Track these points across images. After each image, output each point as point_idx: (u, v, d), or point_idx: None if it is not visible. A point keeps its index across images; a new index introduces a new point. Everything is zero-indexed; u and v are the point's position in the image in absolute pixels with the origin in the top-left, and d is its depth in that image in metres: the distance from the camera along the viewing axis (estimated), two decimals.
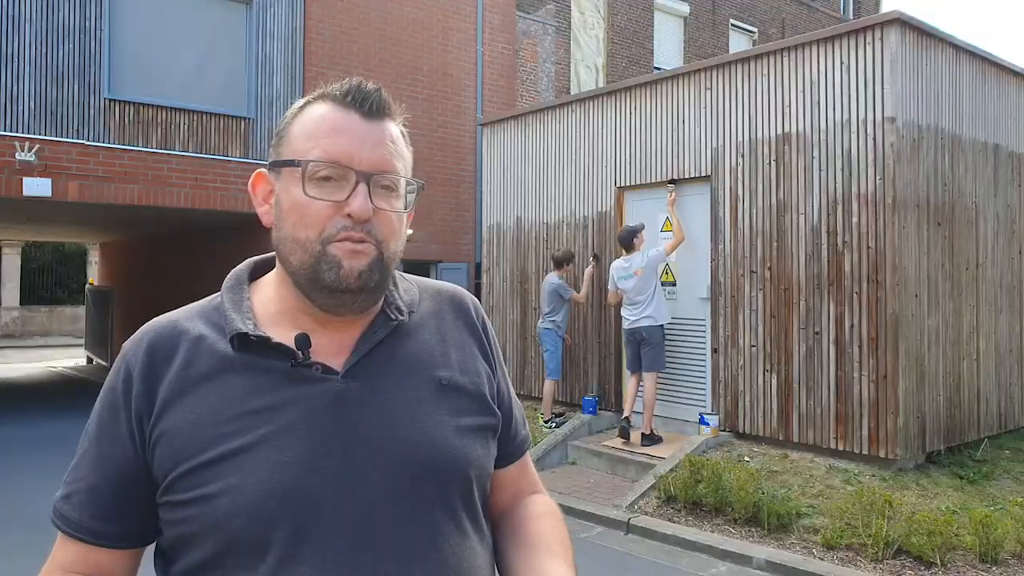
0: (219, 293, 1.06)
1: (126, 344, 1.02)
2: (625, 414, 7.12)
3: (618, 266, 7.16)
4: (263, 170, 1.05)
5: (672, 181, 7.32)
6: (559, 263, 7.83)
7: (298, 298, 1.00)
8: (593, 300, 8.02)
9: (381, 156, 0.98)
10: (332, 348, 1.00)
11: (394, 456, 0.96)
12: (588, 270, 7.90)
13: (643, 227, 7.20)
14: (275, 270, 1.06)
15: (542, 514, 1.16)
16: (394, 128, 1.03)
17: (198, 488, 0.91)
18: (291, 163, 0.98)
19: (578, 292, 7.85)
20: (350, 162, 0.96)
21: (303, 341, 0.97)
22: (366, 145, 0.97)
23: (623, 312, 7.12)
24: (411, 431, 0.98)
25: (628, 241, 7.10)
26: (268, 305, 1.03)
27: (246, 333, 0.97)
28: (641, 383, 6.98)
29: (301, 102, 1.03)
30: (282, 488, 0.90)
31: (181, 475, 0.92)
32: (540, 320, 7.93)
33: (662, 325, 6.90)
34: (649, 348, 6.86)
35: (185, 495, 0.92)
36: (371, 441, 0.96)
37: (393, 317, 1.04)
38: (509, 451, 1.16)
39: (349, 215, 0.95)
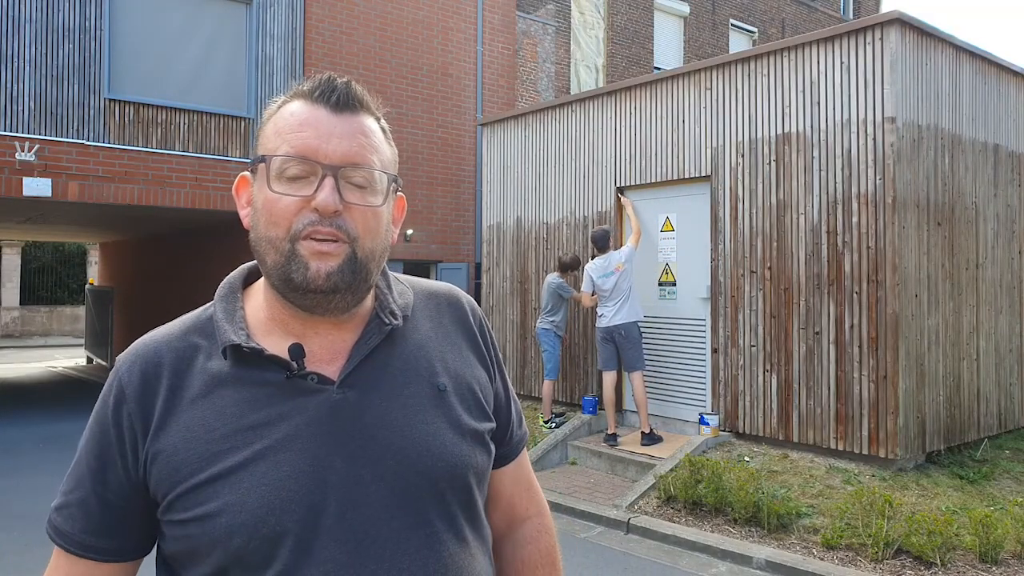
0: (212, 303, 1.04)
1: (119, 359, 1.01)
2: (610, 430, 7.14)
3: (597, 265, 7.15)
4: (246, 173, 1.03)
5: (620, 190, 7.83)
6: (564, 267, 7.78)
7: (284, 302, 0.98)
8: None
9: (349, 149, 0.95)
10: (326, 355, 0.99)
11: (393, 466, 0.95)
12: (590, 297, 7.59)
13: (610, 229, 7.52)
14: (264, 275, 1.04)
15: (534, 564, 1.17)
16: (369, 122, 0.99)
17: (197, 507, 0.90)
18: (260, 160, 0.96)
19: (578, 292, 7.77)
20: (316, 156, 0.93)
21: (297, 351, 0.95)
22: (332, 138, 0.94)
23: (599, 311, 7.13)
24: (409, 440, 0.97)
25: (605, 241, 7.18)
26: (259, 312, 1.02)
27: (239, 345, 0.95)
28: (631, 384, 7.03)
29: (278, 102, 1.01)
30: (281, 503, 0.90)
31: (180, 495, 0.91)
32: (539, 320, 7.92)
33: (638, 323, 6.95)
34: (629, 347, 6.89)
35: (185, 514, 0.91)
36: (370, 452, 0.95)
37: (387, 322, 1.02)
38: (504, 452, 1.16)
39: (316, 209, 0.92)
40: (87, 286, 19.62)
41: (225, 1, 9.80)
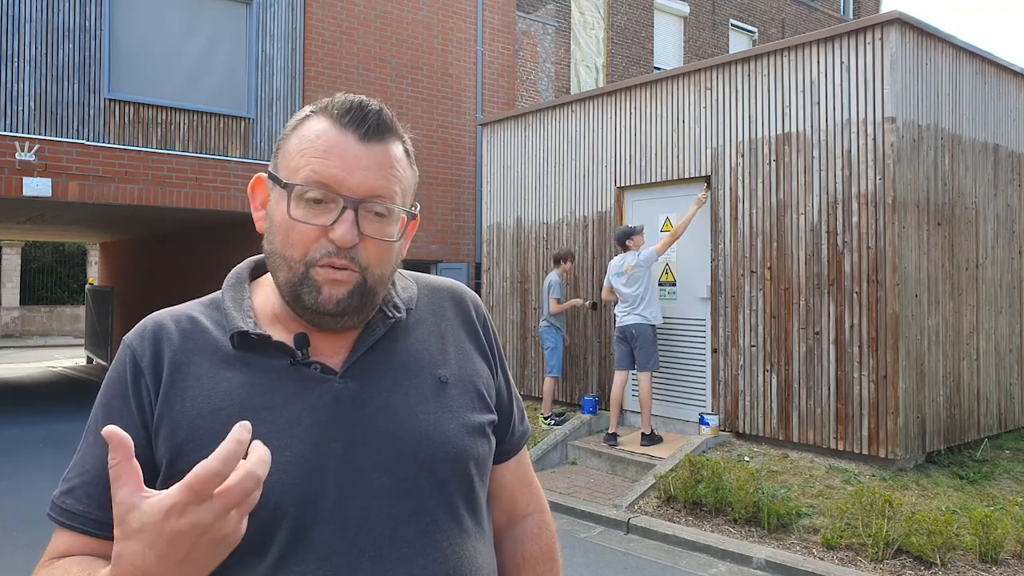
0: (220, 291, 1.06)
1: (128, 335, 1.01)
2: (611, 429, 7.13)
3: (613, 264, 7.19)
4: (263, 175, 1.03)
5: (707, 180, 7.02)
6: (556, 260, 7.90)
7: (289, 309, 1.00)
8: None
9: (374, 182, 0.95)
10: (330, 347, 1.00)
11: (393, 455, 0.96)
12: (578, 301, 7.91)
13: (641, 228, 7.18)
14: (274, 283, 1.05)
15: (534, 559, 1.18)
16: (396, 149, 0.99)
17: None
18: (282, 184, 0.96)
19: (562, 300, 7.77)
20: (339, 187, 0.94)
21: (302, 341, 0.97)
22: (358, 170, 0.94)
23: (615, 310, 7.14)
24: (410, 430, 0.98)
25: (622, 241, 7.12)
26: (266, 305, 1.03)
27: (246, 331, 0.97)
28: (635, 384, 6.99)
29: (304, 113, 1.01)
30: (281, 487, 0.90)
31: (179, 471, 0.89)
32: (541, 319, 7.96)
33: (653, 325, 6.88)
34: (640, 348, 6.85)
35: None
36: (370, 440, 0.96)
37: (390, 315, 1.04)
38: (505, 448, 1.16)
39: (333, 241, 0.94)
40: (87, 286, 19.61)
41: (225, 1, 9.80)
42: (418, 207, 1.05)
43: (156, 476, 0.95)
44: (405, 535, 0.94)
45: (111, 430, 0.71)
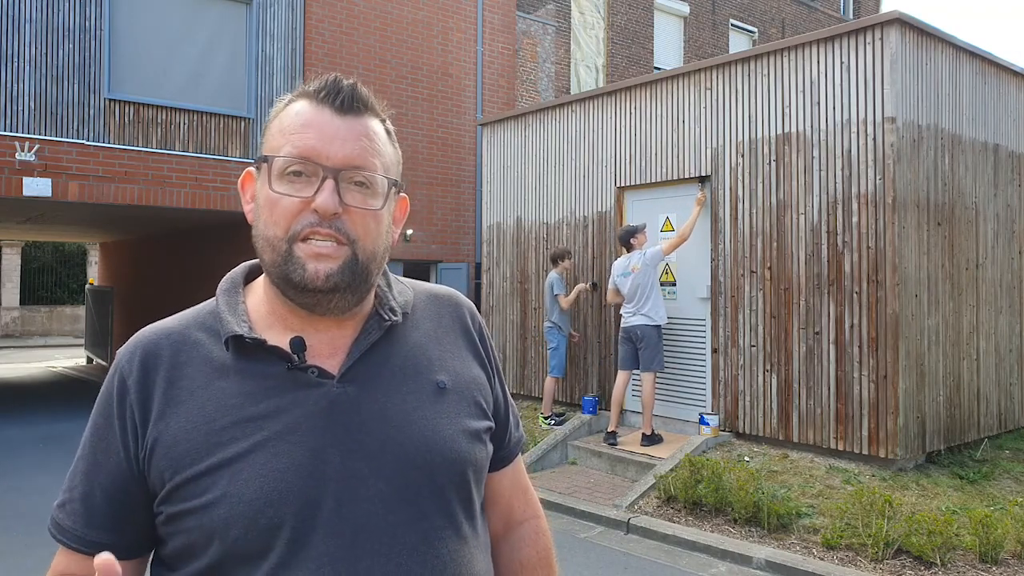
0: (214, 297, 1.05)
1: (120, 352, 1.01)
2: (611, 428, 7.12)
3: (618, 264, 7.18)
4: (251, 169, 1.04)
5: (701, 180, 7.11)
6: (553, 260, 7.91)
7: (284, 299, 0.99)
8: (593, 300, 8.03)
9: (352, 151, 0.95)
10: (326, 350, 0.99)
11: (391, 461, 0.95)
12: (582, 286, 7.91)
13: (644, 227, 7.19)
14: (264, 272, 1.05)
15: (532, 565, 1.19)
16: (374, 124, 1.00)
17: (195, 498, 0.90)
18: (263, 159, 0.97)
19: (567, 295, 7.79)
20: (318, 157, 0.94)
21: (298, 345, 0.96)
22: (336, 140, 0.95)
23: (621, 310, 7.14)
24: (408, 435, 0.97)
25: (626, 240, 7.12)
26: (260, 307, 1.02)
27: (241, 335, 0.96)
28: (637, 385, 6.99)
29: (284, 99, 1.02)
30: (278, 495, 0.90)
31: (178, 485, 0.91)
32: (545, 320, 7.96)
33: (658, 325, 6.87)
34: (645, 348, 6.85)
35: (183, 505, 0.91)
36: (368, 446, 0.95)
37: (386, 318, 1.03)
38: (502, 455, 1.17)
39: (316, 211, 0.93)
40: (87, 286, 19.60)
41: (225, 1, 9.80)
42: (404, 184, 1.05)
43: (147, 494, 0.95)
44: (404, 542, 0.94)
45: (101, 561, 0.79)
